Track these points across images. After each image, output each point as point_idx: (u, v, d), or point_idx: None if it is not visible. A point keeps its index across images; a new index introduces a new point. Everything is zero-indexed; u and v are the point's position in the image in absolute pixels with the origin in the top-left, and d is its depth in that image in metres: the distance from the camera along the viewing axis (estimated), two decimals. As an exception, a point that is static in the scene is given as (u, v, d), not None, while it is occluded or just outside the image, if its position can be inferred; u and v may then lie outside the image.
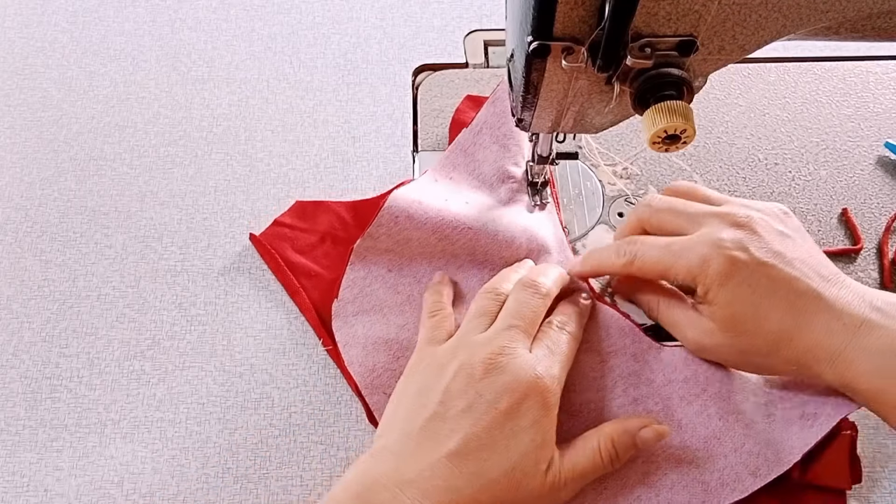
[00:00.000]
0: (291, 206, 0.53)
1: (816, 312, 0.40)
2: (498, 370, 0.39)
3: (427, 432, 0.38)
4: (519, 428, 0.38)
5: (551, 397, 0.40)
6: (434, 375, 0.41)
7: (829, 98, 0.59)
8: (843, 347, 0.39)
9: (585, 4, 0.33)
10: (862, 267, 0.51)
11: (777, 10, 0.34)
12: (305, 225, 0.52)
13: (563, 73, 0.37)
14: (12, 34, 0.63)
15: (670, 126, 0.35)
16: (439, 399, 0.39)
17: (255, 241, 0.52)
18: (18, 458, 0.44)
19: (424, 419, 0.39)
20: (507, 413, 0.38)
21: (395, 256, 0.49)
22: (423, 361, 0.43)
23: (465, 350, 0.41)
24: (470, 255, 0.49)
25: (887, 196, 0.54)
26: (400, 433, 0.39)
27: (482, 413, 0.38)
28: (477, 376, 0.39)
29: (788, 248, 0.41)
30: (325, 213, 0.53)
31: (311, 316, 0.48)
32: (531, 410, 0.39)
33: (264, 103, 0.59)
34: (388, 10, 0.65)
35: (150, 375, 0.47)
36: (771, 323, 0.40)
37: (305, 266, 0.50)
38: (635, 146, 0.56)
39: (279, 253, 0.51)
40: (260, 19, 0.64)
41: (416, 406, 0.40)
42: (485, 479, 0.37)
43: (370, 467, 0.38)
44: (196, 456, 0.44)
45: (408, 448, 0.38)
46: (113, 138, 0.57)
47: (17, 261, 0.51)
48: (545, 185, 0.52)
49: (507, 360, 0.40)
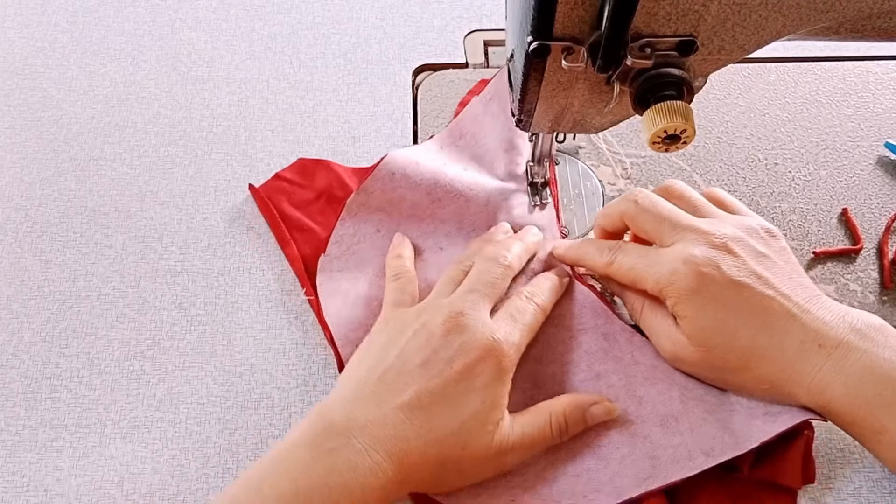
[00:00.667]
0: (294, 163, 0.55)
1: (791, 332, 0.40)
2: (457, 330, 0.40)
3: (382, 383, 0.40)
4: (471, 388, 0.39)
5: (507, 362, 0.41)
6: (397, 333, 0.42)
7: (829, 98, 0.59)
8: (817, 369, 0.39)
9: (585, 4, 0.33)
10: (862, 267, 0.51)
11: (777, 10, 0.34)
12: (304, 181, 0.54)
13: (563, 72, 0.37)
14: (12, 34, 0.63)
15: (670, 126, 0.35)
16: (397, 353, 0.41)
17: (253, 192, 0.53)
18: (18, 458, 0.44)
19: (381, 371, 0.40)
20: (461, 373, 0.39)
21: (385, 216, 0.51)
22: (388, 322, 0.44)
23: (428, 312, 0.42)
24: (458, 223, 0.51)
25: (887, 196, 0.54)
26: (357, 382, 0.41)
27: (437, 370, 0.39)
28: (436, 335, 0.41)
29: (766, 269, 0.41)
30: (325, 171, 0.55)
31: (298, 266, 0.50)
32: (485, 373, 0.40)
33: (264, 103, 0.59)
34: (388, 10, 0.65)
35: (150, 375, 0.47)
36: (741, 340, 0.40)
37: (299, 220, 0.52)
38: (635, 146, 0.56)
39: (276, 205, 0.53)
40: (260, 19, 0.64)
41: (376, 360, 0.41)
42: (433, 434, 0.38)
43: (325, 413, 0.39)
44: (196, 456, 0.44)
45: (362, 396, 0.39)
46: (113, 138, 0.57)
47: (17, 261, 0.51)
48: (545, 185, 0.52)
49: (467, 321, 0.41)
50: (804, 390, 0.40)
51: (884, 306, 0.49)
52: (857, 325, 0.40)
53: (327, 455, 0.37)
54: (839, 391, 0.38)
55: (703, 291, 0.40)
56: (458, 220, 0.51)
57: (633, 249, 0.44)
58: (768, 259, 0.42)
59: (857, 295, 0.50)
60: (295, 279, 0.50)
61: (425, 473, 0.39)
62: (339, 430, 0.38)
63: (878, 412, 0.38)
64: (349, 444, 0.37)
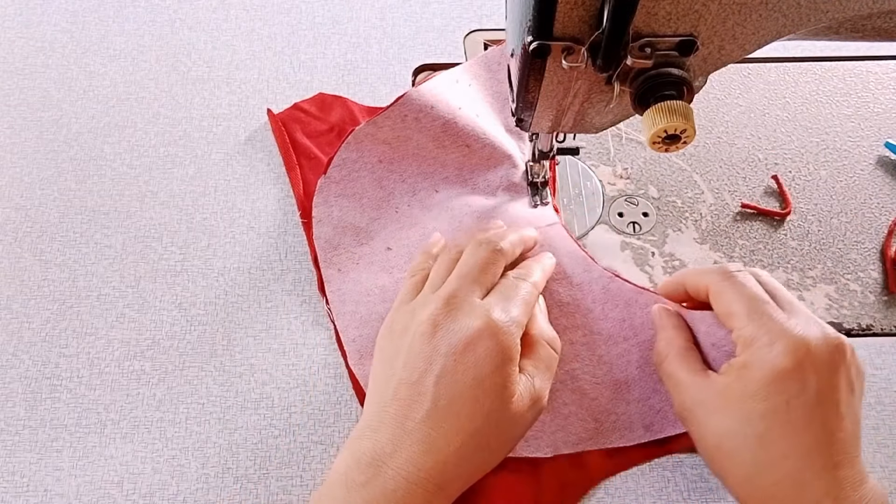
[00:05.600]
0: (314, 96, 0.58)
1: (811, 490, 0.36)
2: (449, 319, 0.39)
3: (397, 401, 0.38)
4: (482, 375, 0.38)
5: (507, 339, 0.39)
6: (397, 339, 0.41)
7: (829, 98, 0.59)
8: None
9: (585, 4, 0.33)
10: (862, 267, 0.51)
11: (777, 10, 0.34)
12: (321, 114, 0.57)
13: (563, 73, 0.37)
14: (12, 34, 0.63)
15: (670, 126, 0.35)
16: (402, 364, 0.39)
17: (271, 117, 0.57)
18: (18, 458, 0.44)
19: (393, 388, 0.39)
20: (468, 364, 0.38)
21: (388, 150, 0.52)
22: (391, 325, 0.43)
23: (419, 309, 0.41)
24: (458, 170, 0.52)
25: (887, 196, 0.54)
26: (375, 406, 0.39)
27: (442, 369, 0.38)
28: (429, 333, 0.39)
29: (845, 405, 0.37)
30: (341, 106, 0.58)
31: (298, 190, 0.53)
32: (489, 356, 0.38)
33: (264, 103, 0.59)
34: (388, 10, 0.65)
35: (150, 375, 0.47)
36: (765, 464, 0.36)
37: (308, 149, 0.55)
38: (629, 151, 0.56)
39: (289, 132, 0.56)
40: (260, 19, 0.64)
41: (385, 375, 0.40)
42: (463, 433, 0.37)
43: (354, 449, 0.39)
44: (196, 456, 0.44)
45: (384, 421, 0.38)
46: (113, 138, 0.57)
47: (17, 261, 0.51)
48: (545, 184, 0.52)
49: (456, 307, 0.40)
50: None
51: (884, 306, 0.49)
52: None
53: (361, 489, 0.36)
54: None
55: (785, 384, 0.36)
56: (458, 168, 0.52)
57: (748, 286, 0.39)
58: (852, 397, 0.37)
59: (858, 295, 0.50)
60: (295, 280, 0.50)
61: (469, 468, 0.38)
62: (369, 462, 0.37)
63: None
64: (381, 474, 0.36)
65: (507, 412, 0.38)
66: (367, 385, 0.45)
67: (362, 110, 0.57)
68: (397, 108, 0.51)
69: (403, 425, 0.37)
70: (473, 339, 0.38)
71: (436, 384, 0.38)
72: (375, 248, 0.50)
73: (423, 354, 0.39)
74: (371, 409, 0.40)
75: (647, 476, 0.43)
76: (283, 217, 0.53)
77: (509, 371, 0.39)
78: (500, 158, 0.52)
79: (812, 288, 0.50)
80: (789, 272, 0.51)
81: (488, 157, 0.52)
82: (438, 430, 0.37)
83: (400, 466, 0.36)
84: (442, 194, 0.52)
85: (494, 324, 0.39)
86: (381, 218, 0.51)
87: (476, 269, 0.42)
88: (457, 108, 0.51)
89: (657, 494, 0.43)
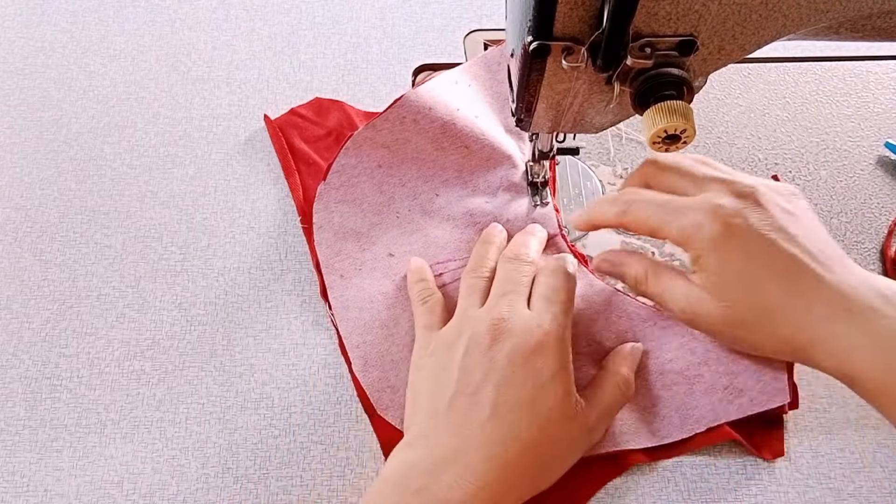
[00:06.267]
0: (311, 100, 0.58)
1: (817, 293, 0.38)
2: (505, 334, 0.40)
3: (454, 410, 0.39)
4: (540, 384, 0.39)
5: (561, 347, 0.40)
6: (445, 355, 0.41)
7: (829, 98, 0.59)
8: (843, 333, 0.37)
9: (585, 4, 0.33)
10: (862, 267, 0.51)
11: (777, 10, 0.34)
12: (318, 119, 0.57)
13: (563, 73, 0.37)
14: (12, 34, 0.63)
15: (670, 126, 0.35)
16: (457, 376, 0.40)
17: (268, 123, 0.57)
18: (18, 458, 0.44)
19: (448, 399, 0.39)
20: (526, 373, 0.39)
21: (388, 154, 0.52)
22: (429, 346, 0.43)
23: (468, 325, 0.42)
24: (458, 172, 0.52)
25: (887, 196, 0.54)
26: (427, 417, 0.40)
27: (501, 378, 0.39)
28: (486, 345, 0.40)
29: (792, 226, 0.40)
30: (338, 111, 0.57)
31: (298, 196, 0.53)
32: (546, 364, 0.39)
33: (264, 103, 0.59)
34: (388, 10, 0.65)
35: (150, 375, 0.47)
36: (766, 296, 0.39)
37: (307, 154, 0.55)
38: (629, 150, 0.56)
39: (287, 138, 0.56)
40: (260, 19, 0.64)
41: (437, 389, 0.40)
42: (521, 441, 0.38)
43: (406, 456, 0.38)
44: (196, 456, 0.44)
45: (438, 430, 0.39)
46: (113, 138, 0.57)
47: (17, 261, 0.51)
48: (545, 184, 0.52)
49: (511, 324, 0.40)
50: (828, 356, 0.38)
51: (884, 306, 0.49)
52: (884, 290, 0.38)
53: (415, 496, 0.36)
54: (868, 359, 0.36)
55: (729, 241, 0.39)
56: (458, 169, 0.52)
57: (651, 198, 0.42)
58: (793, 216, 0.40)
59: (857, 295, 0.50)
60: (295, 280, 0.50)
61: (525, 480, 0.38)
62: (425, 469, 0.37)
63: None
64: (437, 481, 0.36)
65: (564, 424, 0.39)
66: (375, 394, 0.45)
67: (359, 114, 0.57)
68: (395, 110, 0.51)
69: (461, 433, 0.38)
70: (531, 350, 0.39)
71: (495, 392, 0.38)
72: (378, 254, 0.50)
73: (481, 366, 0.39)
74: (421, 421, 0.40)
75: (647, 476, 0.43)
76: (283, 217, 0.53)
77: (566, 380, 0.40)
78: (499, 159, 0.52)
79: (812, 288, 0.50)
80: (789, 272, 0.51)
81: (488, 157, 0.52)
82: (496, 436, 0.38)
83: (459, 474, 0.36)
84: (442, 199, 0.51)
85: (549, 335, 0.40)
86: (383, 223, 0.51)
87: (518, 285, 0.43)
88: (455, 110, 0.51)
89: (657, 494, 0.43)
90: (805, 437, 0.45)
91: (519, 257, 0.45)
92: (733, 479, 0.43)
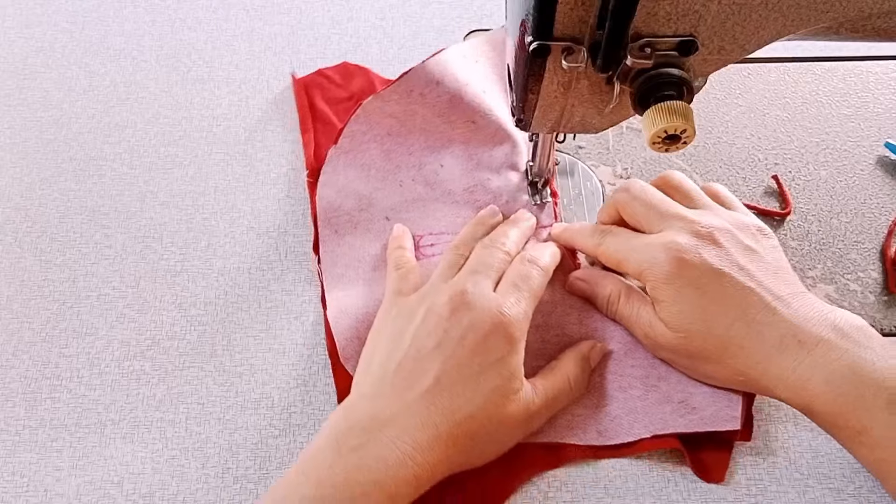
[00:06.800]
0: (339, 64, 0.60)
1: (770, 325, 0.40)
2: (463, 308, 0.41)
3: (400, 374, 0.40)
4: (487, 363, 0.40)
5: (516, 332, 0.41)
6: (405, 321, 0.42)
7: (829, 98, 0.59)
8: (796, 364, 0.39)
9: (585, 4, 0.33)
10: (862, 267, 0.51)
11: (777, 10, 0.34)
12: (342, 81, 0.59)
13: (563, 73, 0.37)
14: (12, 34, 0.63)
15: (670, 126, 0.35)
16: (409, 342, 0.41)
17: (294, 82, 0.59)
18: (18, 458, 0.44)
19: (397, 362, 0.40)
20: (474, 349, 0.40)
21: (396, 123, 0.53)
22: (393, 310, 0.44)
23: (432, 295, 0.43)
24: (464, 146, 0.53)
25: (887, 196, 0.54)
26: (374, 378, 0.41)
27: (451, 350, 0.40)
28: (444, 315, 0.41)
29: (750, 262, 0.42)
30: (362, 77, 0.59)
31: (309, 152, 0.54)
32: (497, 346, 0.40)
33: (264, 103, 0.59)
34: (388, 10, 0.65)
35: (150, 375, 0.47)
36: (719, 328, 0.41)
37: (325, 114, 0.57)
38: (635, 146, 0.56)
39: (309, 97, 0.58)
40: (260, 19, 0.64)
41: (389, 351, 0.41)
42: (460, 414, 0.39)
43: (348, 413, 0.39)
44: (196, 456, 0.44)
45: (383, 391, 0.40)
46: (113, 138, 0.57)
47: (17, 261, 0.51)
48: (545, 184, 0.52)
49: (472, 298, 0.41)
50: (783, 386, 0.39)
51: (884, 306, 0.49)
52: (838, 323, 0.39)
53: (351, 452, 0.37)
54: (819, 389, 0.38)
55: (681, 276, 0.41)
56: (465, 144, 0.53)
57: (621, 234, 0.45)
58: (754, 253, 0.42)
59: (858, 295, 0.50)
60: (295, 280, 0.50)
61: (457, 453, 0.39)
62: (364, 427, 0.38)
63: (859, 413, 0.37)
64: (375, 440, 0.37)
65: (503, 406, 0.40)
66: (343, 341, 0.46)
67: (383, 82, 0.58)
68: (403, 82, 0.52)
69: (403, 397, 0.39)
70: (485, 328, 0.40)
71: (442, 363, 0.39)
72: (374, 216, 0.51)
73: (433, 335, 0.40)
74: (368, 380, 0.41)
75: (647, 476, 0.43)
76: (283, 217, 0.53)
77: (514, 364, 0.41)
78: (505, 136, 0.52)
79: (812, 288, 0.50)
80: (789, 272, 0.51)
81: (494, 133, 0.52)
82: (437, 405, 0.39)
83: (396, 436, 0.38)
84: (447, 171, 0.52)
85: (506, 318, 0.41)
86: (385, 189, 0.52)
87: (488, 268, 0.44)
88: (464, 84, 0.52)
89: (657, 494, 0.43)
90: (805, 437, 0.45)
91: (495, 244, 0.46)
92: (733, 479, 0.43)
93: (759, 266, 0.42)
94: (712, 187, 0.48)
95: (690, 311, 0.41)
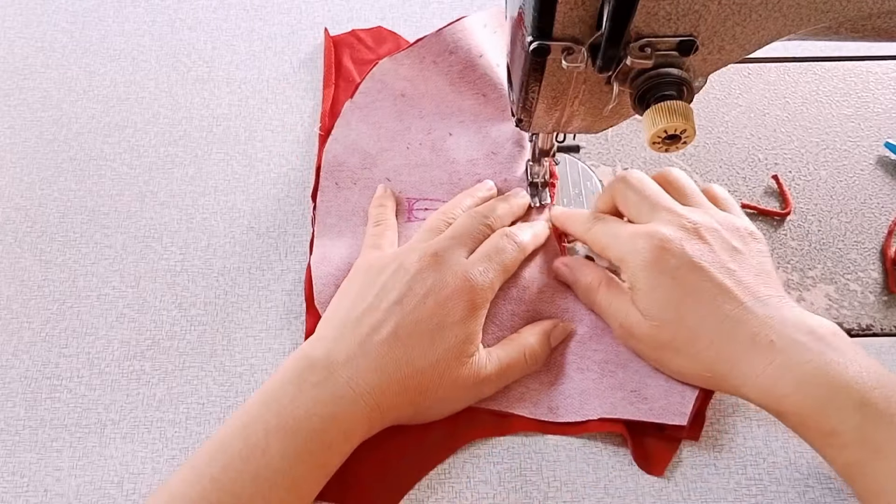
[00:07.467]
0: (373, 27, 0.62)
1: (743, 322, 0.40)
2: (431, 268, 0.43)
3: (361, 321, 0.42)
4: (445, 323, 0.41)
5: (478, 298, 0.43)
6: (375, 274, 0.44)
7: (829, 98, 0.59)
8: (766, 364, 0.39)
9: (585, 5, 0.33)
10: (862, 267, 0.51)
11: (777, 10, 0.34)
12: (373, 44, 0.61)
13: (563, 72, 0.37)
14: (12, 34, 0.63)
15: (670, 126, 0.35)
16: (375, 293, 0.43)
17: (327, 37, 0.61)
18: (18, 458, 0.44)
19: (360, 311, 0.42)
20: (435, 308, 0.41)
21: (410, 86, 0.55)
22: (365, 263, 0.45)
23: (405, 253, 0.44)
24: (474, 116, 0.54)
25: (887, 196, 0.54)
26: (338, 323, 0.42)
27: (412, 306, 0.42)
28: (411, 272, 0.43)
29: (732, 261, 0.42)
30: (392, 42, 0.61)
31: (328, 105, 0.56)
32: (457, 309, 0.42)
33: (264, 103, 0.59)
34: (388, 10, 0.65)
35: (150, 375, 0.47)
36: (691, 320, 0.41)
37: (350, 73, 0.58)
38: (635, 146, 0.56)
39: (337, 55, 0.60)
40: (260, 19, 0.64)
41: (355, 300, 0.43)
42: (411, 367, 0.41)
43: (308, 353, 0.41)
44: (196, 456, 0.44)
45: (344, 335, 0.41)
46: (113, 138, 0.57)
47: (17, 261, 0.51)
48: (545, 185, 0.52)
49: (441, 259, 0.43)
50: (751, 385, 0.39)
51: (884, 306, 0.49)
52: (815, 327, 0.39)
53: (312, 388, 0.39)
54: (789, 390, 0.38)
55: (660, 264, 0.41)
56: (475, 114, 0.54)
57: (610, 222, 0.46)
58: (739, 254, 0.42)
59: (858, 295, 0.50)
60: (295, 280, 0.50)
61: (406, 403, 0.41)
62: (323, 366, 0.40)
63: (829, 414, 0.37)
64: (332, 378, 0.39)
65: (455, 367, 0.41)
66: (320, 286, 0.47)
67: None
68: (417, 49, 0.53)
69: (361, 343, 0.41)
70: (448, 291, 0.42)
71: (402, 317, 0.41)
72: (376, 176, 0.52)
73: (399, 290, 0.42)
74: (331, 325, 0.42)
75: (647, 476, 0.43)
76: (283, 217, 0.53)
77: (471, 328, 0.42)
78: None
79: (812, 288, 0.50)
80: (789, 272, 0.51)
81: (504, 108, 0.53)
82: (391, 354, 0.40)
83: (350, 377, 0.39)
84: (454, 139, 0.53)
85: (471, 284, 0.42)
86: (392, 150, 0.53)
87: (467, 237, 0.45)
88: (477, 56, 0.53)
89: (657, 494, 0.43)
90: (805, 437, 0.45)
91: (479, 214, 0.47)
92: (733, 479, 0.43)
93: (741, 266, 0.42)
94: (711, 189, 0.48)
95: (665, 300, 0.41)
